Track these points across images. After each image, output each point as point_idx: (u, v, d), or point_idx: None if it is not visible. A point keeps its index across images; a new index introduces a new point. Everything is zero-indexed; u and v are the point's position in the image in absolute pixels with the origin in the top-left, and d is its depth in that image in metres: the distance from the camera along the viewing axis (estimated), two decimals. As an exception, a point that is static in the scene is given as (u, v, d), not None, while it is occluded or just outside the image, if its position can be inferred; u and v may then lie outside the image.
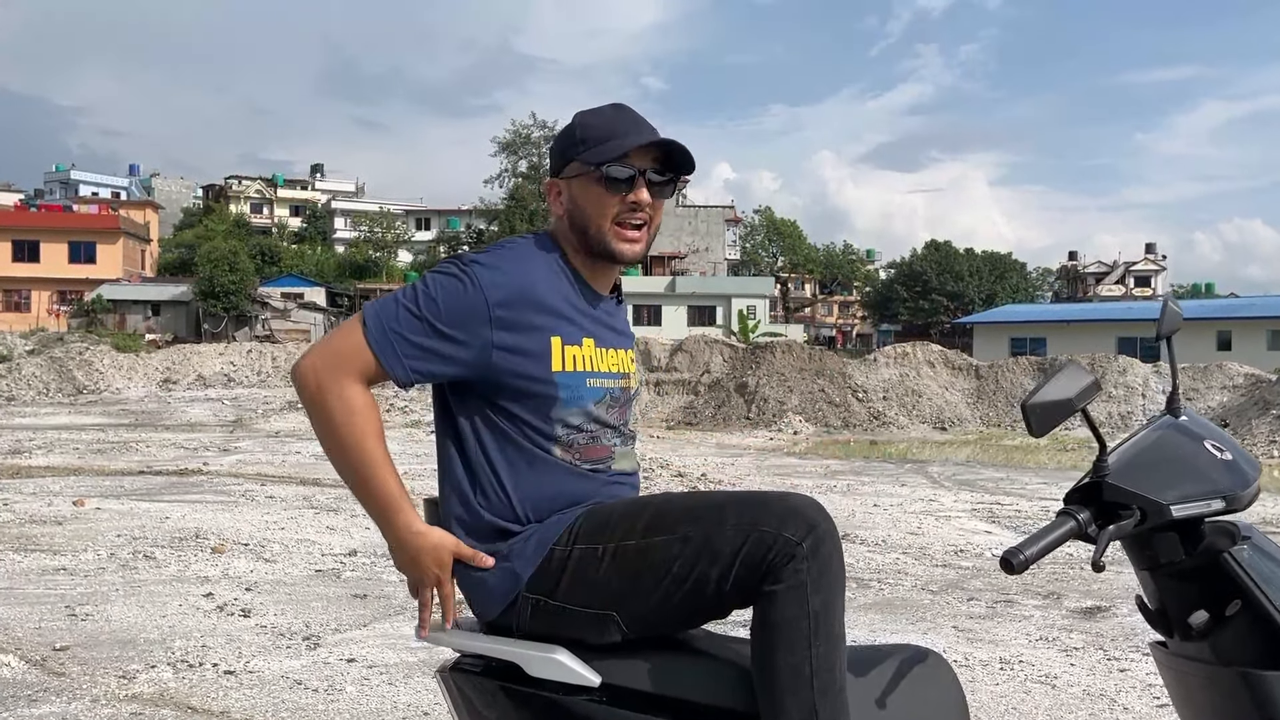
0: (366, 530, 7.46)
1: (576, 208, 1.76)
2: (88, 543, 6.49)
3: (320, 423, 1.65)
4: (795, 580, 1.54)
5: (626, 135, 1.74)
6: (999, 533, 8.31)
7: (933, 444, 17.55)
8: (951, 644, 4.67)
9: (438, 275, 1.69)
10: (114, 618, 4.68)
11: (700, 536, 1.59)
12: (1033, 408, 1.49)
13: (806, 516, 1.56)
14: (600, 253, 1.76)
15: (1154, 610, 1.64)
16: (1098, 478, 1.54)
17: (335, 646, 4.36)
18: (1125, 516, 1.50)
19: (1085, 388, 1.50)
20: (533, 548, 1.67)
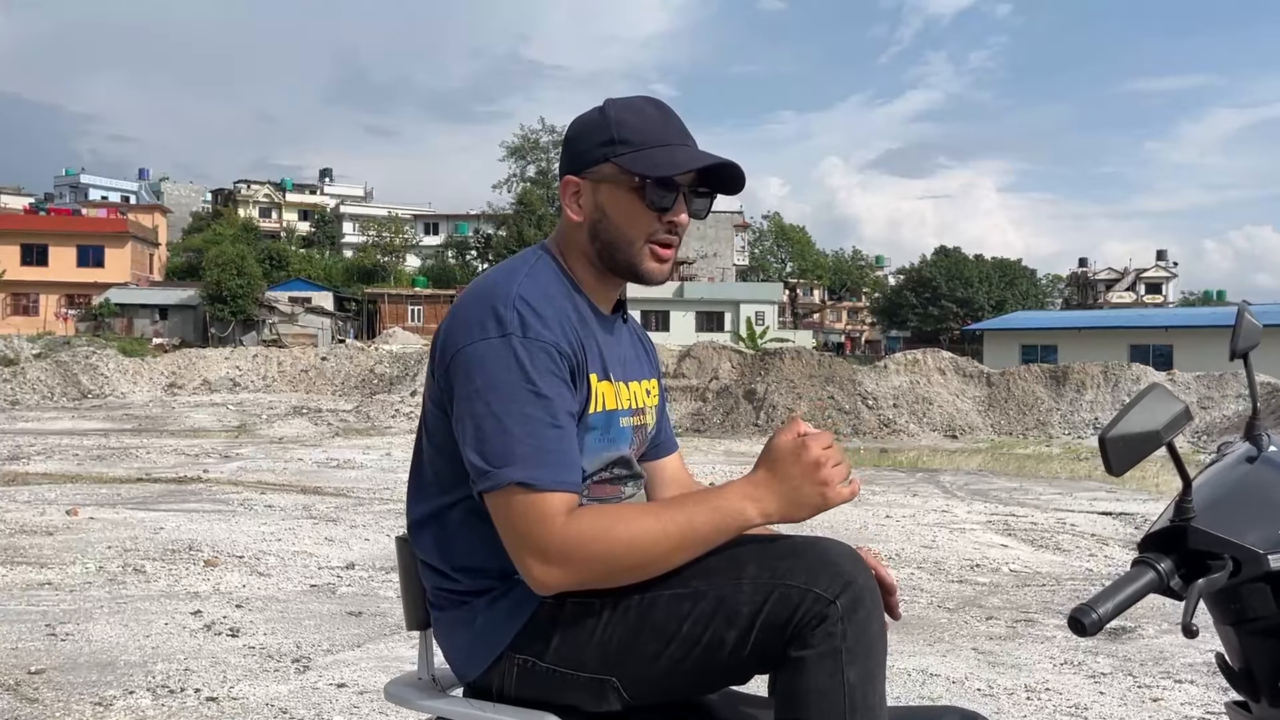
0: (366, 542, 7.27)
1: (605, 217, 1.52)
2: (77, 555, 6.30)
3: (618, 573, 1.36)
4: (827, 646, 1.30)
5: (675, 147, 1.50)
6: (1015, 546, 8.07)
7: (944, 452, 17.30)
8: (973, 669, 4.45)
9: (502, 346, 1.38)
10: (95, 638, 4.48)
11: (713, 592, 1.35)
12: (1113, 441, 1.24)
13: (841, 569, 1.32)
14: (625, 271, 1.53)
15: (1237, 670, 1.42)
16: (1182, 521, 1.30)
17: (325, 669, 4.15)
18: (1216, 568, 1.27)
19: (1174, 417, 1.26)
20: (518, 600, 1.43)
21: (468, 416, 1.38)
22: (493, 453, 1.36)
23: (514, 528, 1.36)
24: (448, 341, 1.44)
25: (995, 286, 65.10)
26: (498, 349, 1.38)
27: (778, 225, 78.06)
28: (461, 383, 1.40)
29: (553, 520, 1.35)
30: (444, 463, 1.49)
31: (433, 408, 1.50)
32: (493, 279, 1.49)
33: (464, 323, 1.43)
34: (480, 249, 64.71)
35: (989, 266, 67.27)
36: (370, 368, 28.64)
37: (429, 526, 1.53)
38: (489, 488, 1.36)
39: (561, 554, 1.34)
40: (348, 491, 10.13)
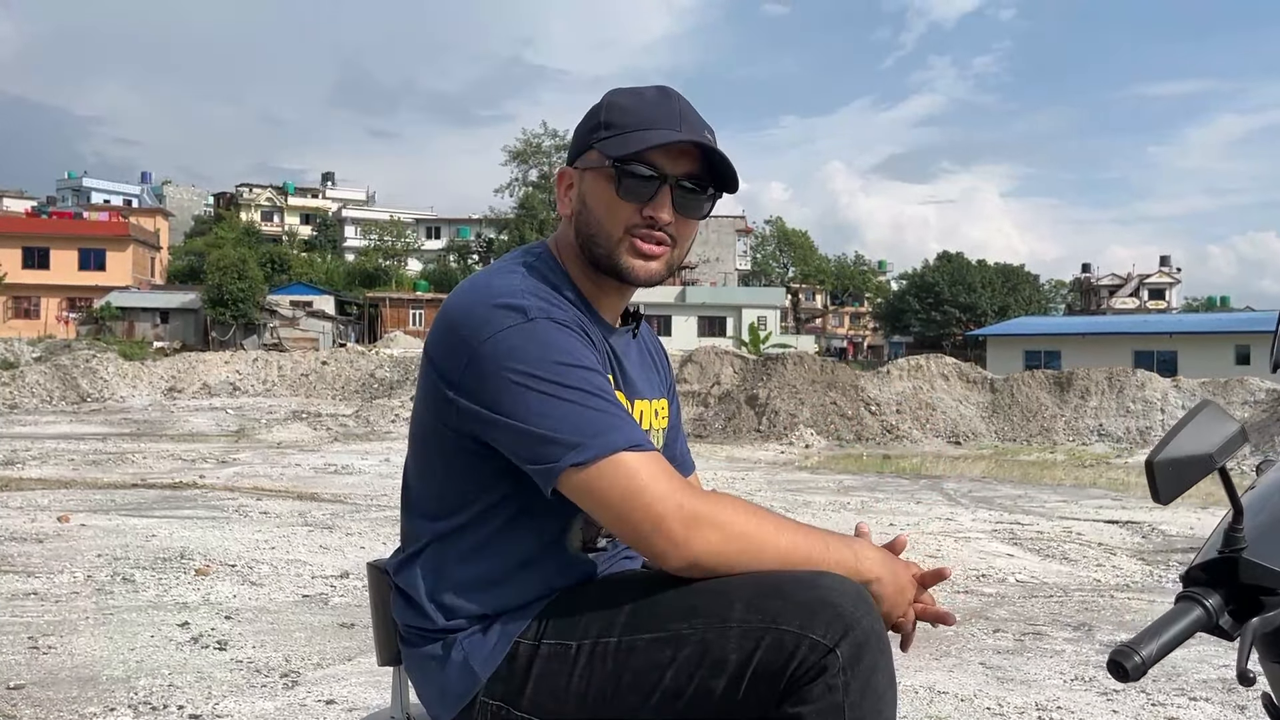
0: (361, 550, 7.15)
1: (585, 208, 1.40)
2: (65, 563, 6.18)
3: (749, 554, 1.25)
4: (827, 701, 1.15)
5: (658, 130, 1.35)
6: (1021, 555, 7.95)
7: (947, 459, 17.18)
8: (982, 686, 4.33)
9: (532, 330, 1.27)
10: (78, 651, 4.36)
11: (698, 637, 1.21)
12: (1161, 465, 1.11)
13: (842, 611, 1.17)
14: (606, 268, 1.39)
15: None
16: (1232, 551, 1.18)
17: (315, 685, 4.03)
18: (1271, 604, 1.14)
19: (1229, 439, 1.13)
20: (494, 640, 1.31)
21: (523, 403, 1.25)
22: (575, 427, 1.23)
23: (637, 497, 1.23)
24: (461, 341, 1.30)
25: (998, 292, 64.94)
26: (526, 332, 1.27)
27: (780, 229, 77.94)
28: (498, 376, 1.26)
29: (674, 481, 1.25)
30: (438, 484, 1.37)
31: (432, 422, 1.36)
32: (489, 278, 1.36)
33: (475, 320, 1.30)
34: (482, 253, 64.69)
35: (992, 272, 67.11)
36: (371, 372, 28.54)
37: (416, 553, 1.40)
38: (589, 458, 1.22)
39: (704, 514, 1.23)
40: (345, 498, 10.01)
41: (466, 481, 1.34)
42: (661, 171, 1.36)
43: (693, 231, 1.43)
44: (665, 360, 1.62)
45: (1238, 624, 1.15)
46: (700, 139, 1.36)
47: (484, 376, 1.27)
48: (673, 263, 1.42)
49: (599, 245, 1.39)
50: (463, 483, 1.35)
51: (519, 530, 1.35)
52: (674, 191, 1.37)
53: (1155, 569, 7.55)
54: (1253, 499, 1.29)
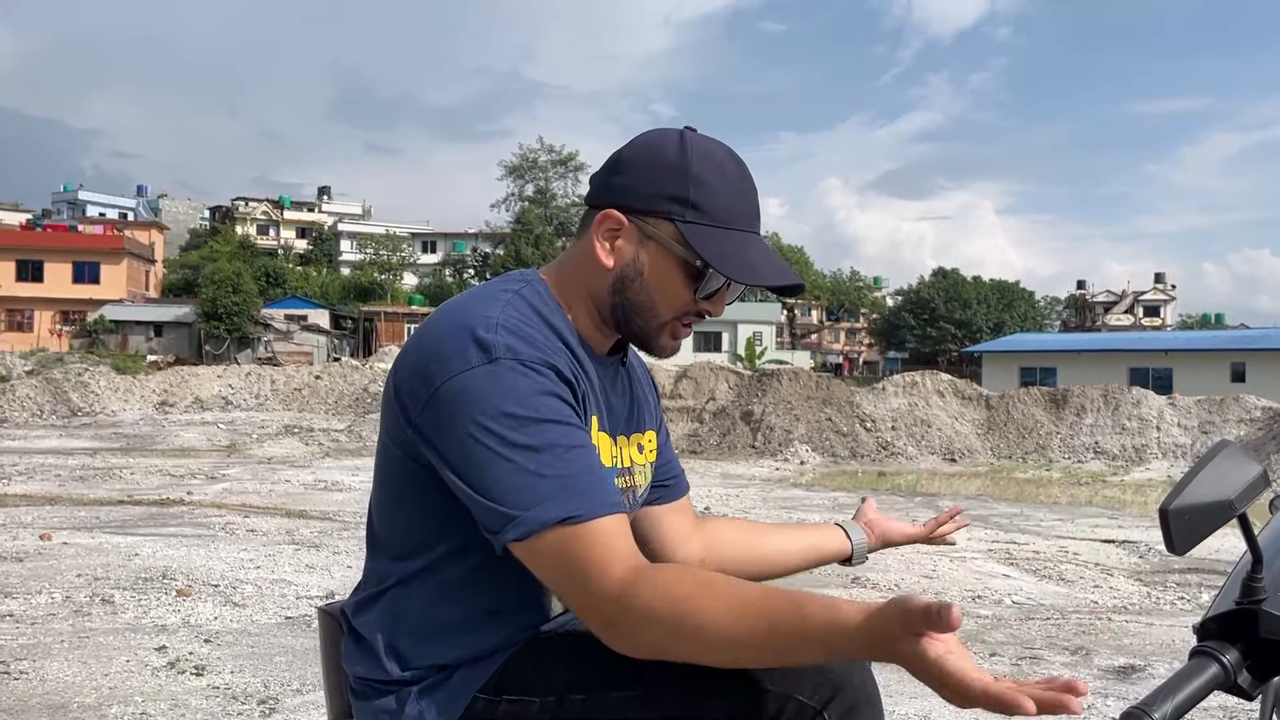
0: (347, 569, 7.04)
1: (640, 277, 1.28)
2: (44, 583, 6.06)
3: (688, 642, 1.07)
4: None
5: (748, 235, 1.28)
6: (1018, 576, 7.86)
7: (942, 476, 17.09)
8: (976, 712, 4.23)
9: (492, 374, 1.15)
10: (50, 676, 4.24)
11: (673, 696, 1.12)
12: (1177, 514, 1.01)
13: (829, 670, 1.10)
14: (634, 337, 1.31)
15: None
16: (1251, 603, 1.08)
17: (293, 713, 3.92)
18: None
19: (1250, 483, 1.03)
20: (451, 695, 1.21)
21: (470, 462, 1.14)
22: (513, 497, 1.12)
23: (569, 571, 1.11)
24: (424, 377, 1.19)
25: (994, 308, 65.02)
26: (487, 376, 1.15)
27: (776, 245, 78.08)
28: (452, 424, 1.16)
29: (614, 551, 1.11)
30: (403, 520, 1.27)
31: (396, 452, 1.25)
32: (467, 305, 1.25)
33: (442, 354, 1.19)
34: (478, 268, 64.64)
35: (987, 288, 67.20)
36: (364, 386, 28.41)
37: (375, 595, 1.30)
38: (521, 535, 1.12)
39: (644, 606, 1.07)
40: (333, 515, 9.90)
41: (432, 520, 1.24)
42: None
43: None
44: (654, 390, 1.52)
45: (1258, 682, 1.05)
46: (797, 282, 1.32)
47: (438, 421, 1.18)
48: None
49: (639, 318, 1.30)
50: (428, 521, 1.24)
51: (491, 576, 1.24)
52: (732, 289, 1.32)
53: (1153, 590, 7.46)
54: (1270, 540, 1.20)
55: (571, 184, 61.97)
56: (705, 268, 1.26)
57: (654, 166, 1.28)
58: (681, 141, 1.29)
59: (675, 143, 1.29)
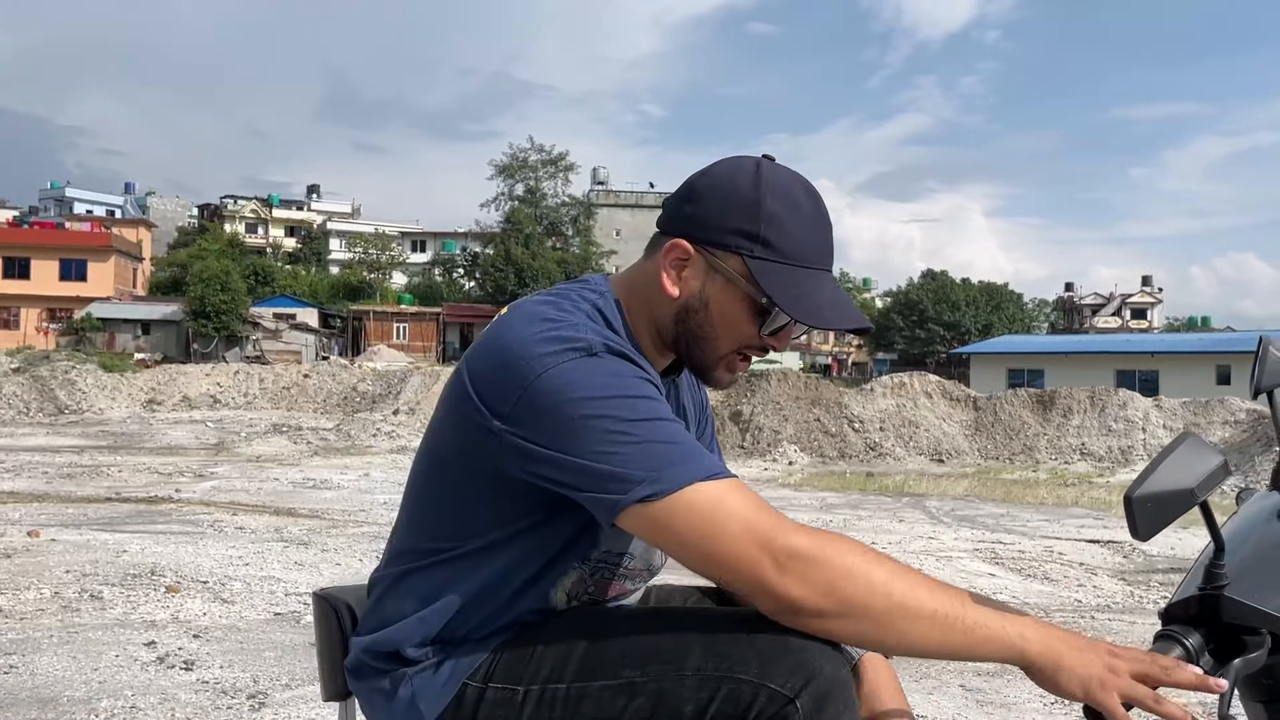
0: (336, 567, 7.06)
1: (704, 309, 1.28)
2: (33, 580, 6.06)
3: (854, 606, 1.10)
4: None
5: (819, 274, 1.28)
6: (1003, 575, 7.93)
7: (930, 477, 17.18)
8: (960, 709, 4.27)
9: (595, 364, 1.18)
10: (40, 671, 4.25)
11: (651, 685, 1.13)
12: (1141, 502, 1.07)
13: (803, 658, 1.10)
14: (693, 366, 1.33)
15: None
16: (1214, 589, 1.13)
17: (282, 707, 3.94)
18: (1254, 645, 1.10)
19: (1211, 472, 1.09)
20: (443, 680, 1.24)
21: (584, 441, 1.15)
22: (639, 462, 1.13)
23: (722, 527, 1.12)
24: (515, 372, 1.19)
25: (982, 310, 65.21)
26: (588, 365, 1.18)
27: (765, 247, 78.11)
28: (557, 411, 1.16)
29: (765, 511, 1.14)
30: (443, 509, 1.29)
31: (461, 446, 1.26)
32: (547, 310, 1.26)
33: (532, 349, 1.19)
34: (467, 267, 64.52)
35: (976, 290, 67.41)
36: (353, 385, 28.39)
37: (393, 576, 1.33)
38: (661, 491, 1.12)
39: (801, 549, 1.10)
40: (322, 513, 9.91)
41: (470, 512, 1.27)
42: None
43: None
44: (704, 405, 1.54)
45: (1219, 665, 1.10)
46: (863, 324, 1.30)
47: (541, 411, 1.17)
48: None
49: (700, 350, 1.31)
50: (469, 515, 1.27)
51: (511, 575, 1.27)
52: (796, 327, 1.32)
53: (1136, 589, 7.53)
54: (1234, 531, 1.25)
55: (561, 184, 61.99)
56: (771, 306, 1.26)
57: (726, 198, 1.27)
58: (757, 173, 1.28)
59: (750, 174, 1.28)
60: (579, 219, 61.48)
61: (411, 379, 25.30)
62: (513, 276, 55.00)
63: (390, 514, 9.94)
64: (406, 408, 22.48)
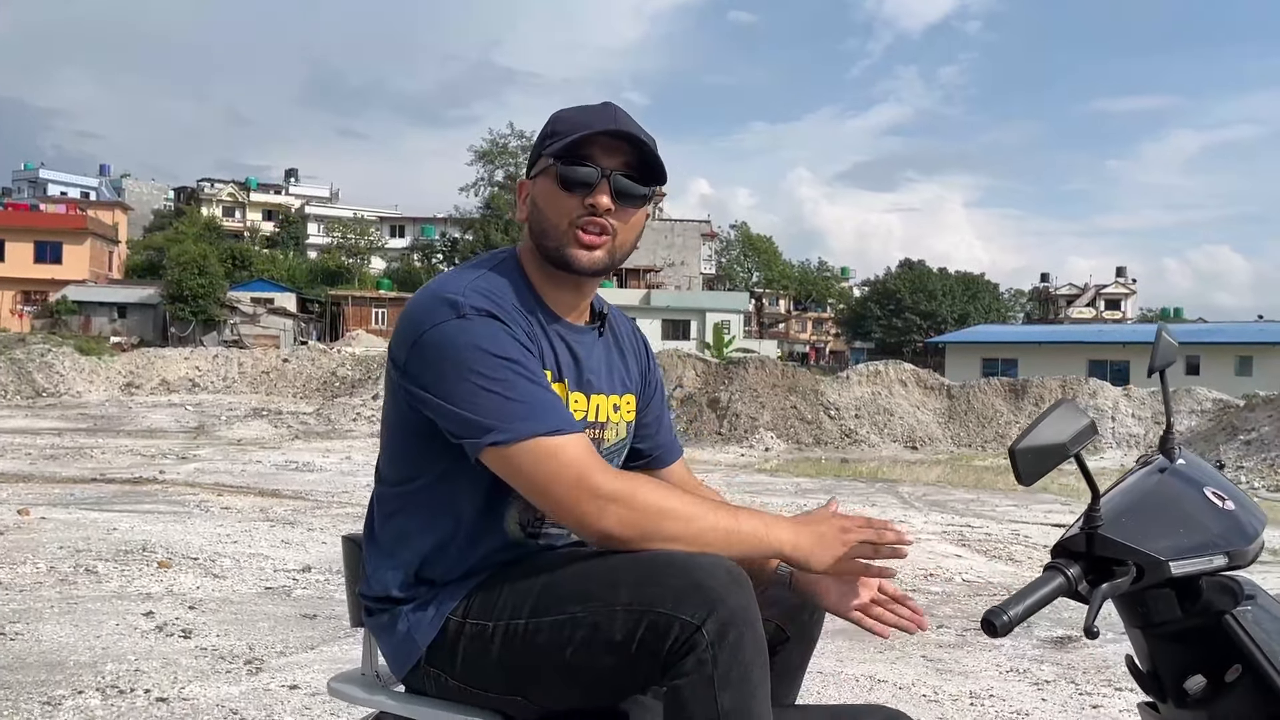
0: (322, 545, 7.25)
1: (536, 208, 1.54)
2: (28, 555, 6.22)
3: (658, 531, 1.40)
4: (699, 675, 1.30)
5: (594, 128, 1.50)
6: (969, 556, 8.20)
7: (904, 463, 17.49)
8: (920, 676, 4.53)
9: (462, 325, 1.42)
10: (45, 637, 4.44)
11: (588, 620, 1.36)
12: (1022, 453, 1.31)
13: (709, 591, 1.31)
14: (557, 261, 1.53)
15: (1145, 672, 1.49)
16: (1090, 529, 1.38)
17: (278, 671, 4.15)
18: (1120, 573, 1.35)
19: (1080, 430, 1.34)
20: (431, 616, 1.48)
21: (452, 389, 1.41)
22: (493, 413, 1.39)
23: (551, 472, 1.38)
24: (408, 329, 1.47)
25: (959, 300, 65.79)
26: (459, 327, 1.42)
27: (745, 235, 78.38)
28: (432, 365, 1.43)
29: (590, 460, 1.41)
30: (397, 454, 1.54)
31: (392, 400, 1.54)
32: (447, 275, 1.54)
33: (421, 311, 1.46)
34: (446, 252, 64.46)
35: (953, 280, 67.97)
36: (332, 370, 28.44)
37: (374, 524, 1.57)
38: (506, 439, 1.38)
39: (616, 493, 1.38)
40: (306, 495, 10.07)
41: (415, 452, 1.51)
42: (599, 164, 1.50)
43: (633, 221, 1.55)
44: (645, 358, 1.76)
45: (1092, 589, 1.34)
46: (631, 131, 1.50)
47: (424, 362, 1.44)
48: (614, 251, 1.54)
49: (549, 239, 1.52)
50: (412, 454, 1.51)
51: (460, 499, 1.50)
52: (611, 182, 1.51)
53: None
54: (1121, 487, 1.49)
55: (541, 170, 61.85)
56: (556, 159, 1.51)
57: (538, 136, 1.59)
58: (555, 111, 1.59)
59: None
60: (559, 206, 61.46)
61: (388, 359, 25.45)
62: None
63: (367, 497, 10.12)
64: (386, 393, 22.66)
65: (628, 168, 1.52)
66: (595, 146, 1.50)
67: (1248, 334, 43.95)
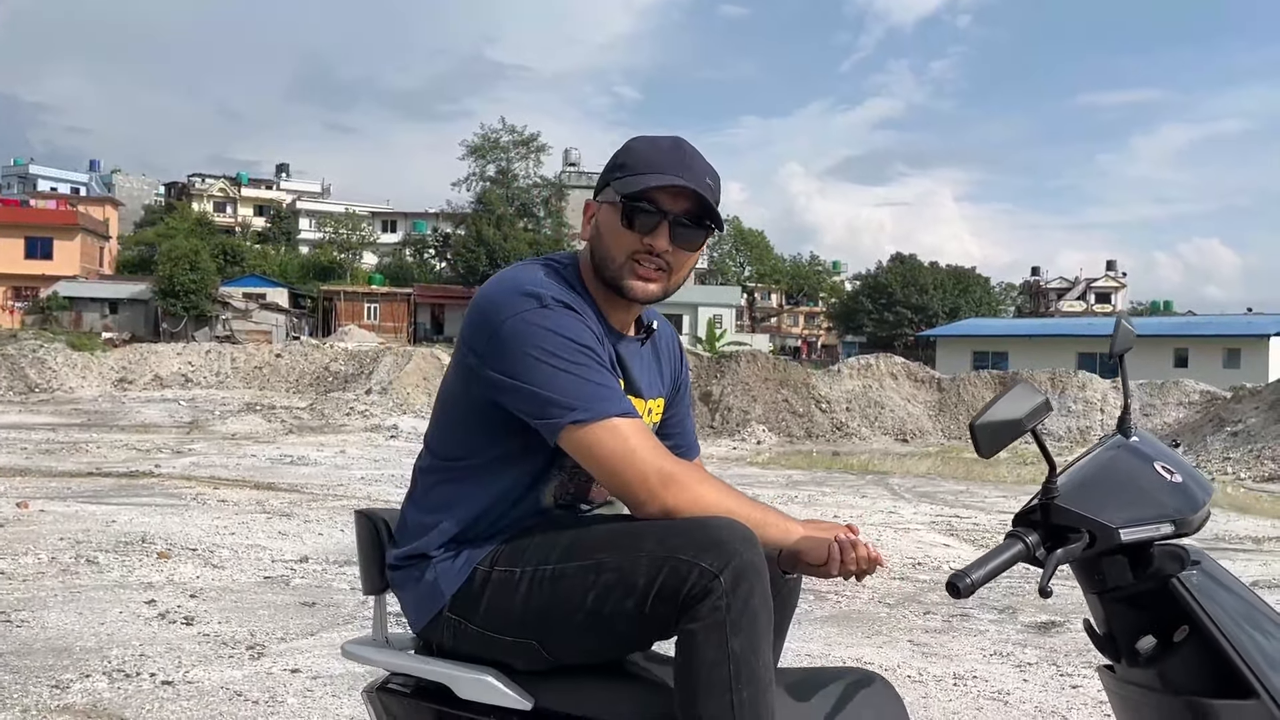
0: (319, 536, 7.34)
1: (599, 235, 1.67)
2: (28, 546, 6.31)
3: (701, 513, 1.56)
4: (713, 619, 1.44)
5: (662, 175, 1.62)
6: (957, 546, 8.32)
7: (894, 456, 17.62)
8: (906, 659, 4.65)
9: (546, 314, 1.56)
10: (50, 624, 4.54)
11: (614, 565, 1.50)
12: (981, 428, 1.44)
13: (726, 546, 1.45)
14: (613, 286, 1.66)
15: (1101, 635, 1.61)
16: (1046, 500, 1.49)
17: (280, 656, 4.25)
18: (1074, 540, 1.46)
19: (1035, 408, 1.46)
20: (459, 566, 1.60)
21: (533, 372, 1.54)
22: (573, 394, 1.52)
23: (624, 455, 1.53)
24: (487, 319, 1.59)
25: (950, 294, 66.03)
26: (544, 315, 1.55)
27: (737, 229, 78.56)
28: (514, 351, 1.55)
29: (655, 447, 1.56)
30: (452, 434, 1.67)
31: (458, 383, 1.66)
32: (520, 269, 1.67)
33: (503, 300, 1.59)
34: (438, 247, 64.42)
35: (944, 274, 68.20)
36: (325, 365, 28.46)
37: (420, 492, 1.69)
38: (587, 419, 1.52)
39: (674, 475, 1.54)
40: (301, 488, 10.15)
41: (473, 435, 1.64)
42: (662, 209, 1.63)
43: (689, 261, 1.69)
44: (678, 362, 1.93)
45: (1048, 555, 1.46)
46: (696, 186, 1.63)
47: (505, 349, 1.56)
48: (669, 288, 1.68)
49: (608, 267, 1.65)
50: (469, 436, 1.64)
51: (504, 479, 1.63)
52: (671, 227, 1.63)
53: (1080, 558, 7.97)
54: (1080, 462, 1.60)
55: (533, 165, 61.94)
56: (623, 199, 1.63)
57: (609, 160, 1.71)
58: (630, 140, 1.70)
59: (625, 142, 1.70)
60: (550, 200, 61.50)
61: (384, 359, 25.43)
62: (484, 257, 54.97)
63: (367, 488, 10.22)
64: (379, 387, 22.65)
65: (688, 214, 1.65)
66: (660, 190, 1.63)
67: (1235, 326, 44.25)
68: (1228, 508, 11.21)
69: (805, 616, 5.28)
